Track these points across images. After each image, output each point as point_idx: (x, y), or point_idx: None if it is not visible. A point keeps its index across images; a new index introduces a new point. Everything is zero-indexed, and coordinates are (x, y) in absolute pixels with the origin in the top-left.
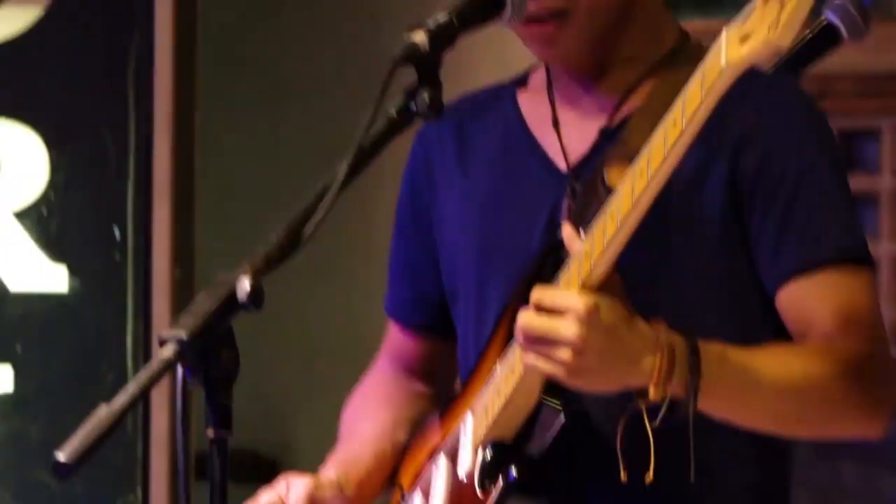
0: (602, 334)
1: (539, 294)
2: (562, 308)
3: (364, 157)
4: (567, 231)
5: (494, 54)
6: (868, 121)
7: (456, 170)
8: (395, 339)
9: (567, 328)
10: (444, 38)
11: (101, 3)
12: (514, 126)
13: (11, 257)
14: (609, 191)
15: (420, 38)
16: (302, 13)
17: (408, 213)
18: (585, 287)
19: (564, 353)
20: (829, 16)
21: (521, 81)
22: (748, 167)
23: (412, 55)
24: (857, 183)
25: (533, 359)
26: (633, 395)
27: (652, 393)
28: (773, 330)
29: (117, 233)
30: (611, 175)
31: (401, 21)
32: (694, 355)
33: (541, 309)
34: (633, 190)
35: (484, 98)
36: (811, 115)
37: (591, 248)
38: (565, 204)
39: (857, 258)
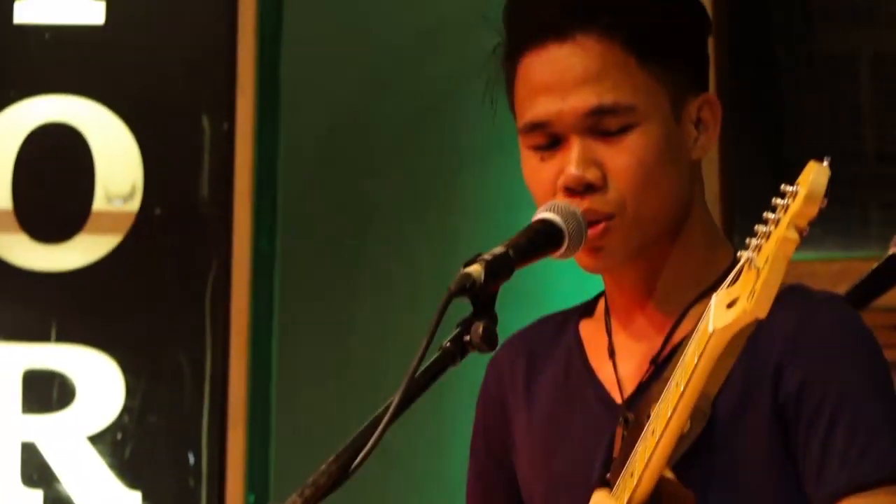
0: None
1: None
2: None
3: (416, 390)
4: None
5: None
6: None
7: (524, 402)
8: None
9: None
10: (500, 270)
11: (180, 232)
12: (575, 356)
13: (86, 483)
14: None
15: (476, 269)
16: (379, 243)
17: (483, 449)
18: None
19: None
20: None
21: (588, 309)
22: (790, 394)
23: (467, 287)
24: None
25: None
26: None
27: None
28: None
29: (192, 458)
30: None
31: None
32: None
33: None
34: (645, 452)
35: (553, 326)
36: (851, 335)
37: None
38: (618, 435)
39: None
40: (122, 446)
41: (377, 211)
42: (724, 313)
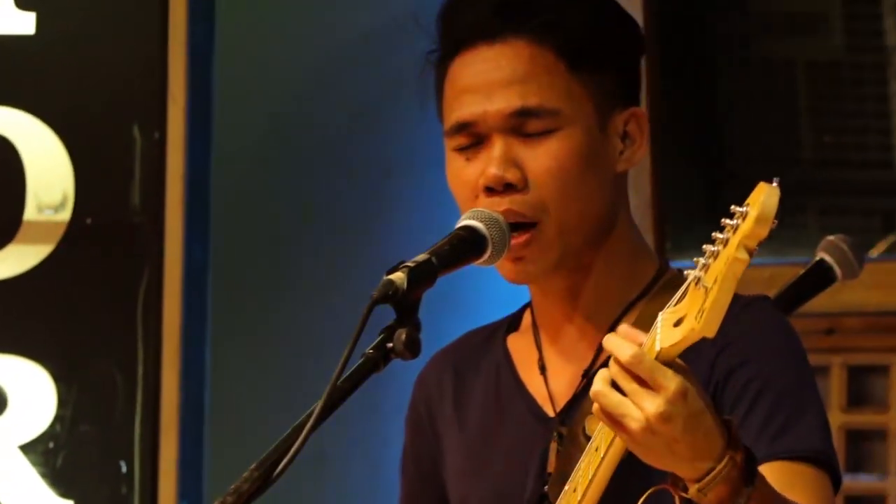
0: (679, 423)
1: (638, 358)
2: (655, 383)
3: (339, 397)
4: None
5: None
6: (876, 357)
7: (454, 417)
8: None
9: (651, 402)
10: (423, 277)
11: (112, 241)
12: (504, 371)
13: (18, 492)
14: (590, 440)
15: (399, 277)
16: (311, 251)
17: (413, 469)
18: None
19: (636, 424)
20: (823, 255)
21: (514, 323)
22: (718, 382)
23: (390, 294)
24: (866, 420)
25: (600, 413)
26: (670, 477)
27: (692, 492)
28: None
29: (124, 467)
30: (590, 424)
31: None
32: (751, 473)
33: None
34: (589, 468)
35: (478, 341)
36: (774, 330)
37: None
38: (553, 450)
39: (817, 461)
40: (54, 455)
41: (309, 219)
42: (671, 332)
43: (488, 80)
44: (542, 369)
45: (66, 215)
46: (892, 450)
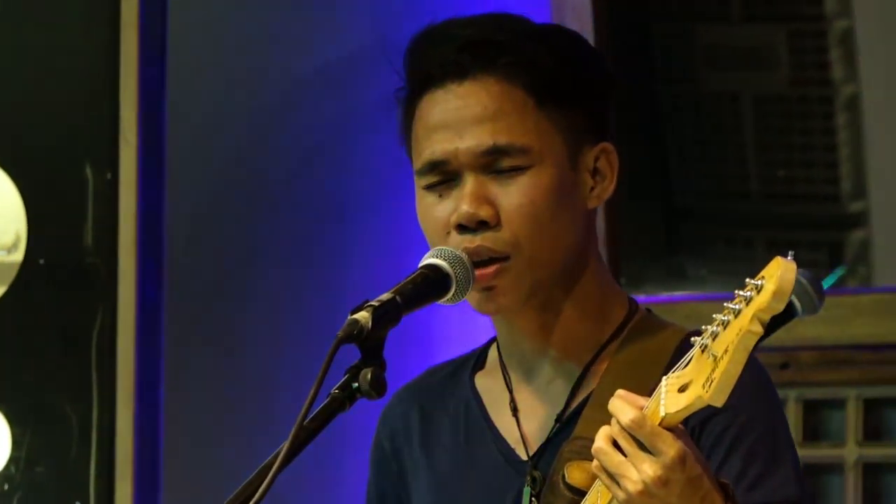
0: (676, 488)
1: (638, 423)
2: (655, 448)
3: (305, 437)
4: None
5: None
6: (832, 392)
7: (422, 458)
8: None
9: (650, 466)
10: (387, 316)
11: (65, 281)
12: (474, 411)
13: None
14: (571, 489)
15: (363, 316)
16: (266, 290)
17: (378, 502)
18: None
19: (633, 486)
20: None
21: (479, 361)
22: (694, 427)
23: (355, 333)
24: (822, 454)
25: (600, 470)
26: None
27: None
28: None
29: None
30: (571, 473)
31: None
32: None
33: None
34: None
35: (442, 378)
36: (752, 379)
37: None
38: (526, 494)
39: None
40: (9, 497)
41: (263, 258)
42: (676, 397)
43: (459, 117)
44: (514, 411)
45: (18, 256)
46: (849, 483)
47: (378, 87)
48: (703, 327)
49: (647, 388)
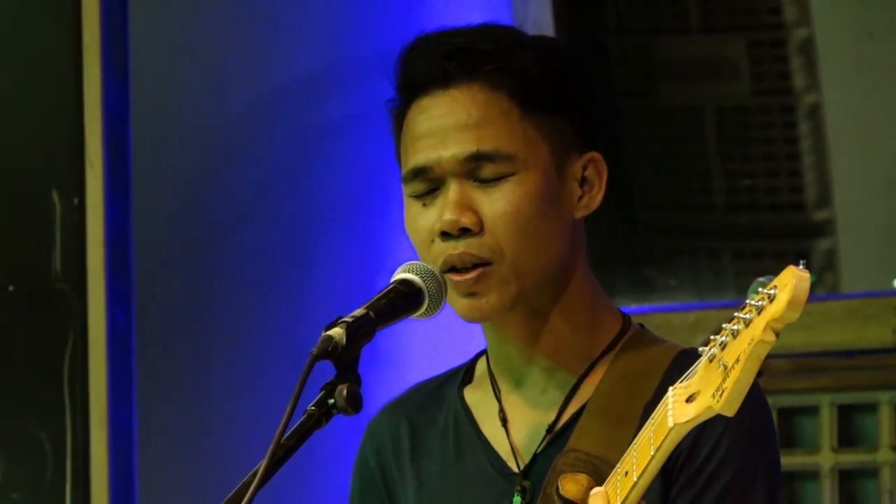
0: None
1: None
2: None
3: (282, 455)
4: None
5: None
6: (805, 399)
7: (412, 472)
8: None
9: None
10: (361, 332)
11: (34, 308)
12: (464, 424)
13: None
14: (566, 502)
15: (337, 332)
16: (236, 311)
17: None
18: None
19: None
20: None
21: (467, 375)
22: (681, 450)
23: (330, 350)
24: (797, 461)
25: None
26: None
27: None
28: None
29: None
30: (565, 485)
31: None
32: None
33: None
34: None
35: (427, 393)
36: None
37: None
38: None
39: None
40: None
41: (232, 279)
42: (683, 407)
43: (443, 125)
44: (504, 421)
45: None
46: (825, 490)
47: (343, 103)
48: (711, 337)
49: (641, 400)
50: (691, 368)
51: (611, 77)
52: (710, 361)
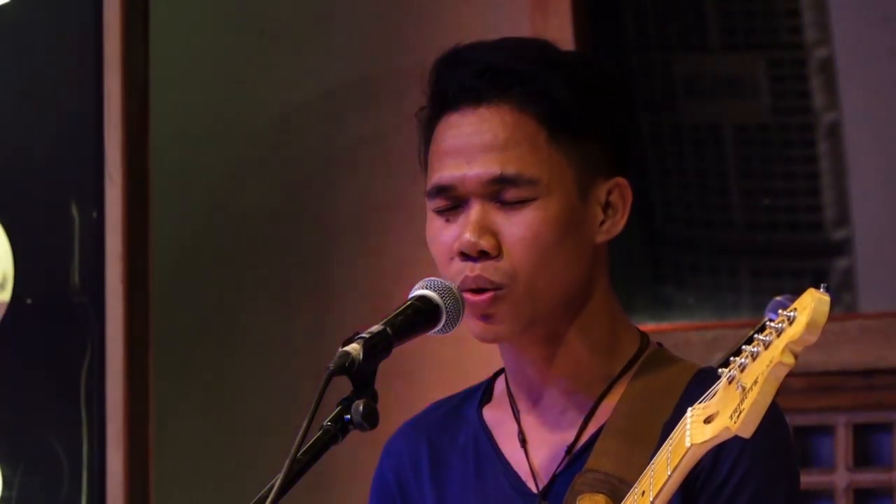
0: None
1: None
2: None
3: (299, 470)
4: None
5: None
6: (821, 418)
7: (432, 492)
8: None
9: None
10: (378, 348)
11: (53, 321)
12: (483, 444)
13: None
14: None
15: (355, 348)
16: (253, 324)
17: None
18: None
19: None
20: (771, 316)
21: (485, 394)
22: (703, 468)
23: (347, 366)
24: (813, 480)
25: None
26: None
27: None
28: None
29: None
30: None
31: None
32: None
33: None
34: None
35: (446, 413)
36: (771, 434)
37: None
38: None
39: None
40: None
41: (249, 293)
42: (701, 428)
43: (469, 144)
44: (523, 442)
45: (5, 296)
46: None
47: (360, 125)
48: (731, 358)
49: (660, 420)
50: (711, 389)
51: (631, 93)
52: (730, 383)
